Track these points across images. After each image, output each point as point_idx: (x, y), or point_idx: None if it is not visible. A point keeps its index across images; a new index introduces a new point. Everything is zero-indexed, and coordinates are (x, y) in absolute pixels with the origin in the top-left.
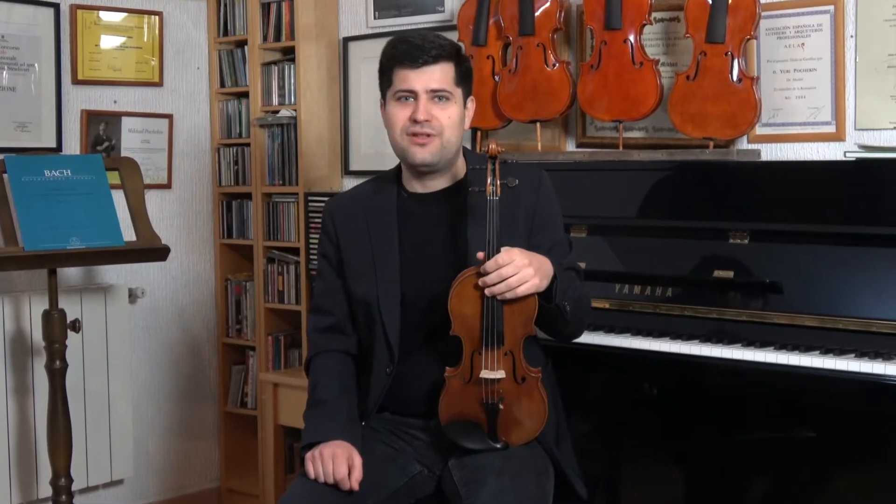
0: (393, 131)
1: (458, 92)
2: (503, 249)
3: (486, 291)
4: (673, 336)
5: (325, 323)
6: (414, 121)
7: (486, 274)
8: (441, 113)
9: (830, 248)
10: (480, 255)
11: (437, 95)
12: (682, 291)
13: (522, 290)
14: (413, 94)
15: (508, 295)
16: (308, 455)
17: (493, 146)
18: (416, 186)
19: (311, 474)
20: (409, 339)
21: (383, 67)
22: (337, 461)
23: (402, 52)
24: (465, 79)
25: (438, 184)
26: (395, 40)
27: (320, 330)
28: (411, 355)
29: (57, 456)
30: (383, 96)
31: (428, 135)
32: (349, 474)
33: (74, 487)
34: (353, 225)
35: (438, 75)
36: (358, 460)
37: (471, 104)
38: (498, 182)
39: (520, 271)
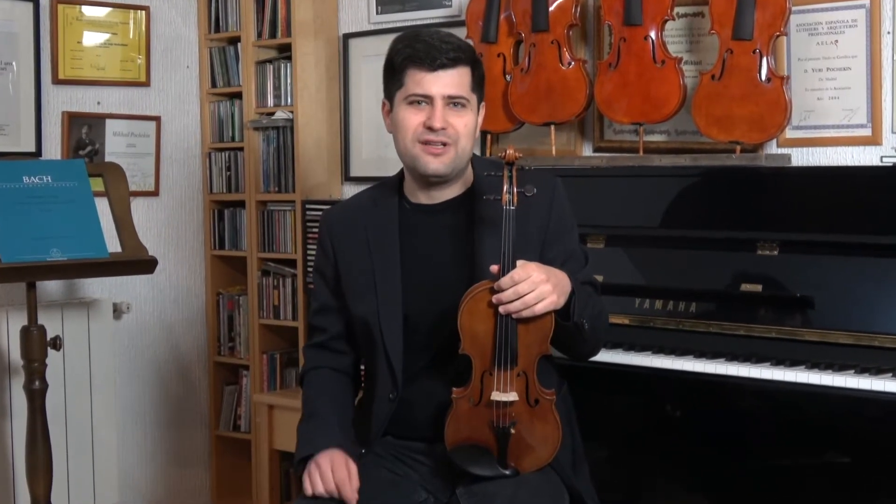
0: (403, 137)
1: (474, 98)
2: (519, 263)
3: (501, 309)
4: (697, 354)
5: (319, 340)
6: (428, 128)
7: (501, 290)
8: (457, 120)
9: (866, 259)
10: (494, 268)
11: (454, 102)
12: (707, 306)
13: (540, 308)
14: (428, 99)
15: (525, 313)
16: (305, 471)
17: (510, 151)
18: (421, 196)
19: (310, 490)
20: (414, 362)
21: (394, 67)
22: (336, 466)
23: (419, 53)
24: (480, 84)
25: (445, 193)
26: (408, 38)
27: (313, 347)
28: (416, 378)
29: (36, 482)
30: (390, 98)
31: (443, 143)
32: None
33: None
34: (351, 238)
35: (456, 80)
36: (354, 469)
37: (482, 110)
38: (515, 190)
39: (537, 287)
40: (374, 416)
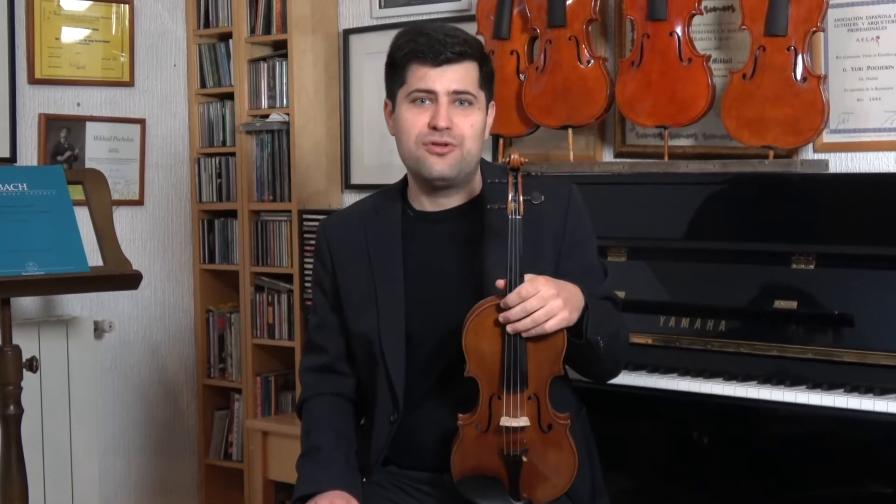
0: (406, 139)
1: (482, 96)
2: (527, 278)
3: (509, 328)
4: (727, 377)
5: (319, 362)
6: (433, 128)
7: (508, 307)
8: (463, 120)
9: None
10: (500, 283)
11: (460, 99)
12: (738, 325)
13: (550, 326)
14: (432, 96)
15: (534, 331)
16: None
17: (514, 156)
18: (426, 204)
19: None
20: (417, 383)
21: (395, 63)
22: None
23: (421, 47)
24: (488, 82)
25: (452, 201)
26: (410, 32)
27: (313, 370)
28: (419, 401)
29: None
30: (392, 97)
31: (447, 144)
32: None
33: None
34: (351, 249)
35: (461, 75)
36: None
37: (492, 110)
38: (521, 198)
39: (547, 304)
40: (373, 440)
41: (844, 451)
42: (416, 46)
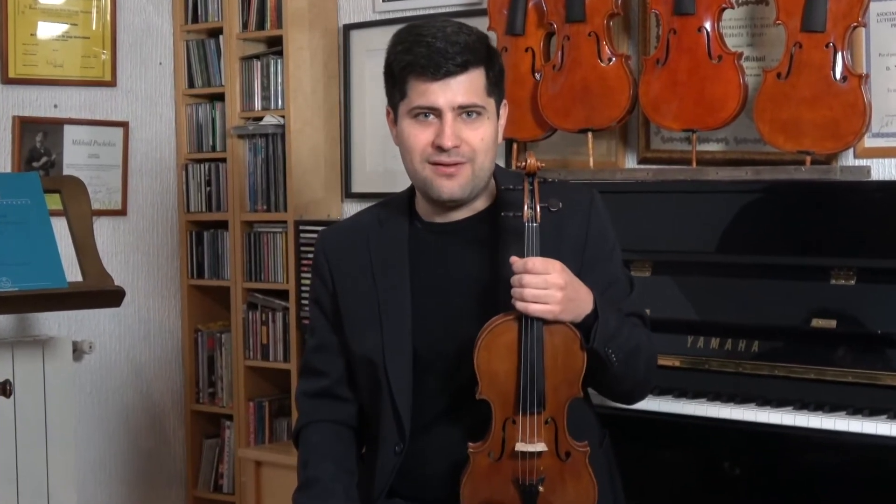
0: (411, 157)
1: (491, 103)
2: (544, 260)
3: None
4: (760, 402)
5: (317, 387)
6: (438, 147)
7: (513, 269)
8: (472, 134)
9: None
10: (514, 260)
11: (467, 111)
12: (772, 346)
13: (533, 310)
14: (436, 112)
15: (518, 306)
16: None
17: (530, 161)
18: (434, 215)
19: None
20: (425, 407)
21: (393, 74)
22: None
23: (420, 59)
24: (497, 84)
25: (463, 213)
26: (408, 39)
27: (310, 395)
28: (428, 426)
29: None
30: (394, 107)
31: (456, 163)
32: None
33: None
34: (353, 264)
35: (466, 86)
36: None
37: (504, 111)
38: (538, 206)
39: (546, 289)
40: (377, 471)
41: (887, 482)
42: (414, 59)
